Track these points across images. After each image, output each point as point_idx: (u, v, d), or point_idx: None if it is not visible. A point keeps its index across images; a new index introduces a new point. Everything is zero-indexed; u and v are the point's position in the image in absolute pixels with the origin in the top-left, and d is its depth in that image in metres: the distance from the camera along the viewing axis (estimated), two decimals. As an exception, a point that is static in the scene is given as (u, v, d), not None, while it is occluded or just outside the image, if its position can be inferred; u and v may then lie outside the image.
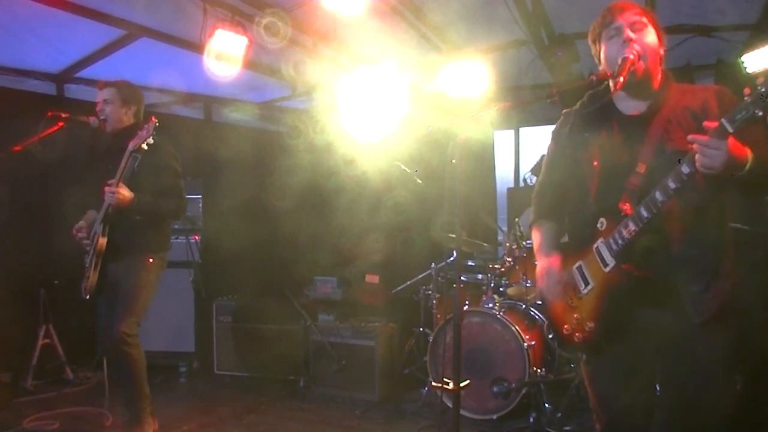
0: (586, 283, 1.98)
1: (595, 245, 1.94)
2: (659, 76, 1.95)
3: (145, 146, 3.22)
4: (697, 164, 1.65)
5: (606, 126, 1.98)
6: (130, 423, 3.41)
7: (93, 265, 3.29)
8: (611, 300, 1.91)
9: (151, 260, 3.42)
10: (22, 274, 4.68)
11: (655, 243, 1.82)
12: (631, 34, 1.88)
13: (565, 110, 2.14)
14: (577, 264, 2.02)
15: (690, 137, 1.66)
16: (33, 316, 4.73)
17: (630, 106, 1.98)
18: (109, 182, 3.23)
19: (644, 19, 1.91)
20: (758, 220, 3.94)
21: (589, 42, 2.05)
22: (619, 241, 1.86)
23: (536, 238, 2.23)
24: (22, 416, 3.96)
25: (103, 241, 3.28)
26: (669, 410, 1.91)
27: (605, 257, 1.91)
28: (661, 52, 1.94)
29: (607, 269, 1.90)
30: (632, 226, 1.81)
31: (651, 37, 1.91)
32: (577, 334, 2.01)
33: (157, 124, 3.25)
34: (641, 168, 1.86)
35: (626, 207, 1.86)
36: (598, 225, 1.93)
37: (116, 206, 3.23)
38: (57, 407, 4.20)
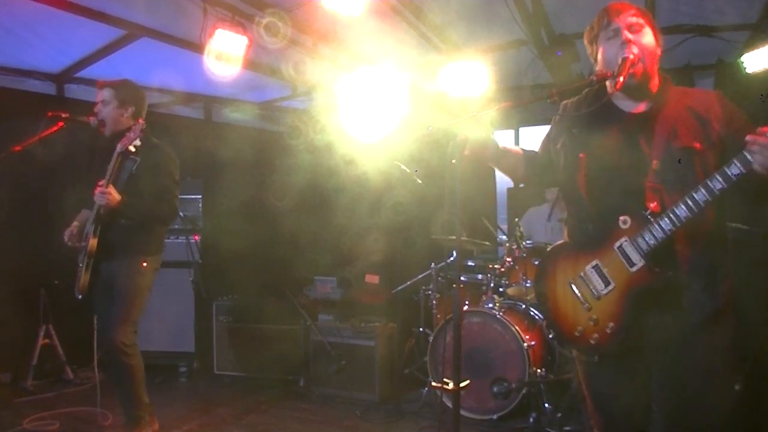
0: (607, 283, 1.92)
1: (617, 244, 1.89)
2: (657, 79, 1.96)
3: (132, 148, 3.19)
4: (757, 165, 1.65)
5: (606, 125, 1.97)
6: (128, 425, 3.40)
7: (85, 266, 3.27)
8: (634, 300, 1.87)
9: (145, 264, 3.38)
10: (22, 274, 4.68)
11: (675, 244, 1.82)
12: (630, 36, 1.89)
13: (564, 101, 2.13)
14: (593, 263, 1.96)
15: (749, 138, 1.65)
16: (33, 316, 4.74)
17: (630, 105, 1.98)
18: (99, 183, 3.21)
19: (641, 21, 1.92)
20: (758, 220, 3.94)
21: (585, 43, 2.06)
22: (651, 241, 1.82)
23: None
24: (22, 416, 3.96)
25: (93, 242, 3.25)
26: (669, 410, 1.91)
27: (632, 257, 1.86)
28: (658, 52, 1.95)
29: (634, 269, 1.86)
30: (667, 226, 1.79)
31: (648, 38, 1.92)
32: (594, 335, 1.94)
33: (145, 126, 3.23)
34: (655, 165, 1.85)
35: (653, 205, 1.83)
36: (621, 223, 1.88)
37: (106, 207, 3.20)
38: (57, 407, 4.21)
